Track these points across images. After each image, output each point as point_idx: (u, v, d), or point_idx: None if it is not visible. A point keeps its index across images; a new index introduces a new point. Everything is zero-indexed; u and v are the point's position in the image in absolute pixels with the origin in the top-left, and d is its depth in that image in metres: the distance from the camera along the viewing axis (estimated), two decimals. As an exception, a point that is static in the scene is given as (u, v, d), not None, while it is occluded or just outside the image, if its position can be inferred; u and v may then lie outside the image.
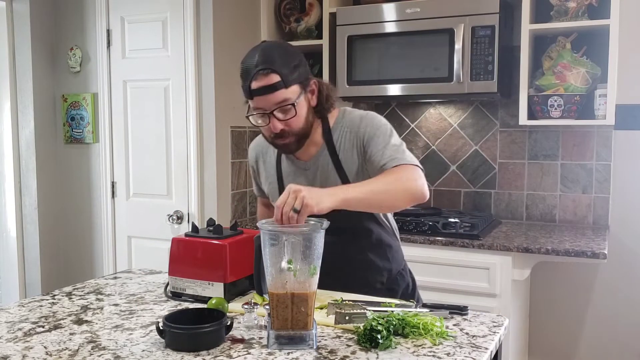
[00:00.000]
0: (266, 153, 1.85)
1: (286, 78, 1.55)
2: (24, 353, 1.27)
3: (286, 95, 1.56)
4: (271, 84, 1.54)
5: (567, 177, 3.01)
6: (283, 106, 1.57)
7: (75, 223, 3.45)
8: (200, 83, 3.03)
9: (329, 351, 1.26)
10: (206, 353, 1.26)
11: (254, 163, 1.91)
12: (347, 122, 1.73)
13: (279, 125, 1.59)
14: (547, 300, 3.06)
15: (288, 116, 1.58)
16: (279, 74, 1.54)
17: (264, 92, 1.55)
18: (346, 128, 1.71)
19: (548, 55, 2.89)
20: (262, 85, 1.54)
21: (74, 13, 3.36)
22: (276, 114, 1.58)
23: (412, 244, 2.66)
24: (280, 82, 1.54)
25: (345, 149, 1.70)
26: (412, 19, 2.85)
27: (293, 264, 1.27)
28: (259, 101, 1.57)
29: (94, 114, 3.34)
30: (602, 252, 2.39)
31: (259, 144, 1.89)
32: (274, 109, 1.57)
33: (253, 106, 1.60)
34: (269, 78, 1.54)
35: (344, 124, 1.72)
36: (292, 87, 1.57)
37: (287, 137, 1.63)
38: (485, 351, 1.26)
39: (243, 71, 1.59)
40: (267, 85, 1.54)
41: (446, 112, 3.23)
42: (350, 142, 1.70)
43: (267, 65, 1.54)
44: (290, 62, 1.58)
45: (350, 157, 1.69)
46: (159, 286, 1.81)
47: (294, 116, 1.59)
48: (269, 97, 1.55)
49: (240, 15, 3.19)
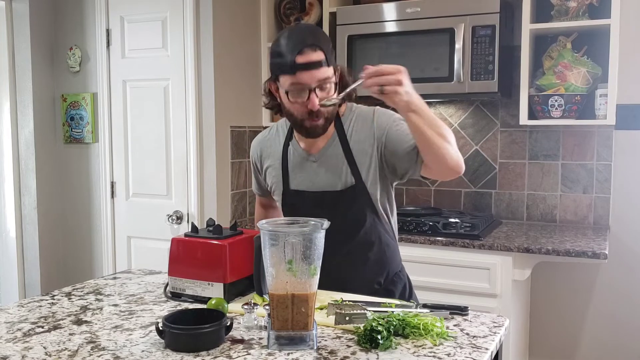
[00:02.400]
0: (270, 146, 1.84)
1: (328, 57, 1.58)
2: (24, 353, 1.27)
3: (328, 73, 1.58)
4: (318, 60, 1.55)
5: (568, 177, 3.00)
6: (325, 83, 1.58)
7: (75, 223, 3.45)
8: (200, 83, 3.03)
9: (329, 352, 1.26)
10: (206, 353, 1.25)
11: (257, 159, 1.89)
12: (358, 113, 1.74)
13: (317, 103, 1.58)
14: (548, 300, 3.06)
15: (327, 94, 1.59)
16: (324, 52, 1.56)
17: (311, 67, 1.54)
18: (358, 119, 1.72)
19: (548, 55, 2.89)
20: (309, 60, 1.54)
21: (73, 13, 3.35)
22: (317, 91, 1.58)
23: (412, 244, 2.66)
24: (325, 60, 1.56)
25: (358, 139, 1.70)
26: (413, 19, 2.85)
27: (293, 264, 1.26)
28: (303, 76, 1.55)
29: (93, 113, 3.33)
30: (603, 252, 2.38)
31: (262, 139, 1.88)
32: (316, 85, 1.57)
33: (292, 82, 1.57)
34: (316, 54, 1.55)
35: (355, 115, 1.73)
36: (330, 67, 1.60)
37: (319, 117, 1.62)
38: (486, 351, 1.26)
39: (286, 46, 1.56)
40: (314, 61, 1.54)
41: (446, 112, 3.22)
42: (364, 134, 1.70)
43: (315, 42, 1.55)
44: (329, 44, 1.61)
45: (362, 147, 1.69)
46: (159, 286, 1.81)
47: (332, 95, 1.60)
48: (314, 72, 1.55)
49: (240, 15, 3.18)
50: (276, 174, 1.80)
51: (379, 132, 1.68)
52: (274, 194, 1.84)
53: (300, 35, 1.57)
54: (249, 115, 3.29)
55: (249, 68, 3.28)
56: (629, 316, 2.91)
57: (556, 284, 3.04)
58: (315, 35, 1.59)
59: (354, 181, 1.69)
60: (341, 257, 1.71)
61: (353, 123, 1.72)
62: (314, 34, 1.59)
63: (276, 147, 1.82)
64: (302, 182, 1.75)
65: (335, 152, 1.71)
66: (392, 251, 1.81)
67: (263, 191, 1.93)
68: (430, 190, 3.28)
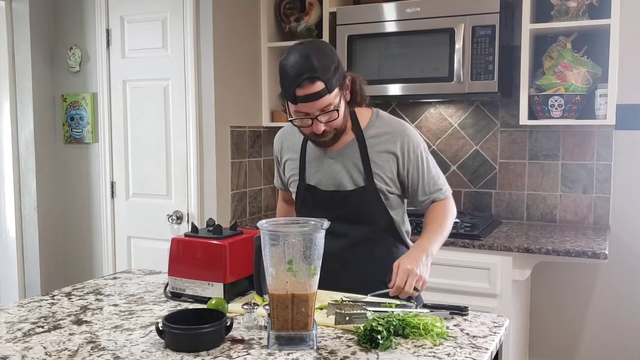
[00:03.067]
0: (291, 140, 1.89)
1: (329, 83, 1.60)
2: (24, 353, 1.27)
3: (330, 100, 1.61)
4: (316, 92, 1.58)
5: (568, 177, 3.00)
6: (327, 109, 1.63)
7: (75, 223, 3.45)
8: (200, 83, 3.03)
9: (329, 352, 1.26)
10: (206, 353, 1.25)
11: (278, 152, 1.95)
12: (384, 125, 1.78)
13: (321, 127, 1.65)
14: (548, 300, 3.06)
15: (331, 118, 1.65)
16: (323, 81, 1.58)
17: (310, 99, 1.59)
18: (383, 131, 1.77)
19: (548, 55, 2.88)
20: (307, 93, 1.58)
21: (73, 13, 3.35)
22: (319, 118, 1.63)
23: (412, 244, 2.65)
24: (325, 89, 1.59)
25: (378, 151, 1.75)
26: (413, 19, 2.85)
27: (293, 264, 1.26)
28: (304, 107, 1.62)
29: (93, 113, 3.33)
30: (603, 252, 2.38)
31: (284, 132, 1.94)
32: (318, 114, 1.62)
33: (295, 110, 1.65)
34: (314, 86, 1.58)
35: (380, 126, 1.78)
36: (334, 91, 1.62)
37: (326, 136, 1.69)
38: (486, 351, 1.26)
39: (286, 76, 1.61)
40: (312, 93, 1.58)
41: (446, 112, 3.22)
42: (385, 148, 1.75)
43: (312, 74, 1.57)
44: (331, 66, 1.61)
45: (381, 160, 1.75)
46: (159, 286, 1.81)
47: (337, 118, 1.66)
48: (314, 103, 1.60)
49: (240, 14, 3.18)
50: (294, 167, 1.86)
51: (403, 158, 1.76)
52: (290, 186, 1.90)
53: (298, 67, 1.58)
54: (249, 115, 3.29)
55: (249, 68, 3.27)
56: (629, 316, 2.91)
57: (556, 284, 3.04)
58: (314, 64, 1.57)
59: (364, 182, 1.74)
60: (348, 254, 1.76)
61: (376, 134, 1.77)
62: (313, 63, 1.57)
63: (296, 140, 1.87)
64: (317, 176, 1.80)
65: (353, 154, 1.76)
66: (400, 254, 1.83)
67: (284, 185, 1.98)
68: (430, 190, 3.28)
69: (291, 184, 1.88)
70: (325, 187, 1.79)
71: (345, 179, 1.76)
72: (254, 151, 3.34)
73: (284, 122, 3.14)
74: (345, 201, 1.76)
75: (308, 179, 1.82)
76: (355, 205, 1.75)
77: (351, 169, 1.75)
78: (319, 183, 1.80)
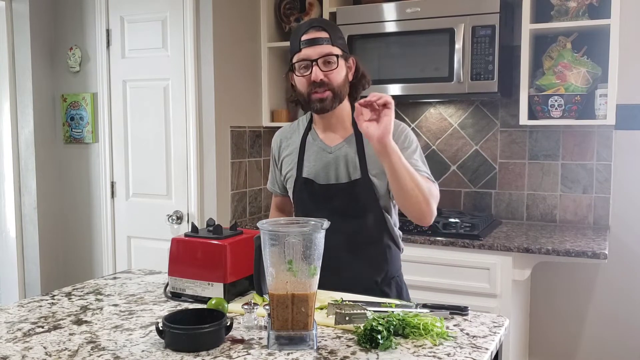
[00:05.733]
0: (291, 137, 1.91)
1: (333, 37, 1.73)
2: (24, 353, 1.27)
3: (331, 49, 1.72)
4: (320, 37, 1.71)
5: (568, 177, 3.00)
6: (327, 58, 1.71)
7: (75, 223, 3.45)
8: (200, 83, 3.03)
9: (329, 352, 1.26)
10: (206, 353, 1.25)
11: (276, 150, 1.95)
12: None
13: (320, 74, 1.70)
14: (548, 300, 3.06)
15: (330, 68, 1.71)
16: (328, 33, 1.73)
17: (313, 43, 1.71)
18: None
19: (548, 55, 2.89)
20: (312, 37, 1.71)
21: (73, 13, 3.35)
22: (319, 64, 1.70)
23: (412, 244, 2.66)
24: (328, 39, 1.72)
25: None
26: (413, 19, 2.85)
27: (293, 264, 1.26)
28: (307, 51, 1.71)
29: (93, 113, 3.33)
30: (603, 252, 2.38)
31: (284, 130, 1.96)
32: (318, 57, 1.70)
33: (299, 58, 1.73)
34: (319, 33, 1.72)
35: None
36: (336, 47, 1.73)
37: (325, 90, 1.72)
38: (486, 351, 1.26)
39: (296, 30, 1.76)
40: (316, 37, 1.71)
41: (446, 112, 3.22)
42: None
43: (320, 24, 1.75)
44: (337, 31, 1.77)
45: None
46: (159, 286, 1.81)
47: (335, 69, 1.72)
48: (316, 47, 1.70)
49: (240, 14, 3.18)
50: (292, 161, 1.87)
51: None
52: (287, 183, 1.90)
53: (309, 21, 1.79)
54: (249, 115, 3.29)
55: (249, 68, 3.27)
56: (629, 316, 2.91)
57: (556, 284, 3.04)
58: (323, 20, 1.82)
59: (360, 175, 1.76)
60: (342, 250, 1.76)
61: None
62: (322, 20, 1.87)
63: (296, 137, 1.90)
64: (314, 170, 1.81)
65: (350, 149, 1.78)
66: (393, 254, 1.85)
67: (279, 185, 1.98)
68: (430, 190, 3.28)
69: (288, 180, 1.89)
70: (323, 180, 1.80)
71: (342, 173, 1.78)
72: (254, 151, 3.34)
73: (284, 122, 3.14)
74: (340, 194, 1.77)
75: (305, 173, 1.83)
76: (349, 198, 1.76)
77: (349, 162, 1.77)
78: (316, 177, 1.81)
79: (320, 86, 1.71)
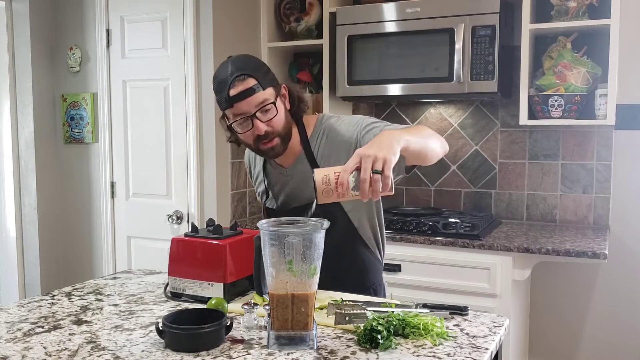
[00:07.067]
0: (255, 159, 1.90)
1: (262, 80, 1.60)
2: (24, 353, 1.27)
3: (265, 96, 1.61)
4: (250, 87, 1.58)
5: (568, 177, 3.00)
6: (264, 107, 1.60)
7: (75, 223, 3.45)
8: (200, 83, 3.03)
9: (329, 352, 1.26)
10: (206, 353, 1.25)
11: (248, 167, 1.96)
12: (324, 129, 1.74)
13: (262, 126, 1.61)
14: (548, 300, 3.06)
15: (270, 116, 1.62)
16: (255, 78, 1.59)
17: (243, 96, 1.58)
18: (323, 135, 1.73)
19: (548, 55, 2.89)
20: (240, 90, 1.58)
21: (73, 13, 3.35)
22: (258, 116, 1.60)
23: (412, 244, 2.66)
24: (258, 85, 1.59)
25: (325, 155, 1.71)
26: (412, 19, 2.85)
27: (293, 264, 1.26)
28: (240, 106, 1.60)
29: (93, 113, 3.33)
30: (603, 252, 2.38)
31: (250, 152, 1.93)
32: (256, 110, 1.60)
33: (233, 114, 1.63)
34: (246, 82, 1.58)
35: (321, 131, 1.74)
36: (267, 89, 1.62)
37: (272, 139, 1.65)
38: (486, 351, 1.26)
39: (219, 84, 1.61)
40: (246, 89, 1.58)
41: (446, 112, 3.22)
42: (333, 147, 1.70)
43: (242, 72, 1.59)
44: (260, 66, 1.64)
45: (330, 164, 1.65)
46: (159, 286, 1.81)
47: (276, 115, 1.62)
48: (249, 100, 1.59)
49: (240, 15, 3.18)
50: (260, 183, 1.87)
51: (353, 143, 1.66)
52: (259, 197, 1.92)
53: (226, 71, 1.60)
54: (249, 115, 3.29)
55: (249, 68, 3.27)
56: (629, 316, 2.91)
57: (556, 284, 3.04)
58: (241, 65, 1.60)
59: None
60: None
61: (320, 139, 1.73)
62: (240, 64, 1.61)
63: (258, 162, 1.87)
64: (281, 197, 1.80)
65: (305, 168, 1.72)
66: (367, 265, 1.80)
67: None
68: (430, 190, 3.28)
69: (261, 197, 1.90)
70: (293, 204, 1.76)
71: (306, 192, 1.71)
72: (254, 151, 3.34)
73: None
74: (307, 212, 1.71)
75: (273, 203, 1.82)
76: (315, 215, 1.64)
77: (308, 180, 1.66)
78: (284, 203, 1.79)
79: (267, 137, 1.63)
